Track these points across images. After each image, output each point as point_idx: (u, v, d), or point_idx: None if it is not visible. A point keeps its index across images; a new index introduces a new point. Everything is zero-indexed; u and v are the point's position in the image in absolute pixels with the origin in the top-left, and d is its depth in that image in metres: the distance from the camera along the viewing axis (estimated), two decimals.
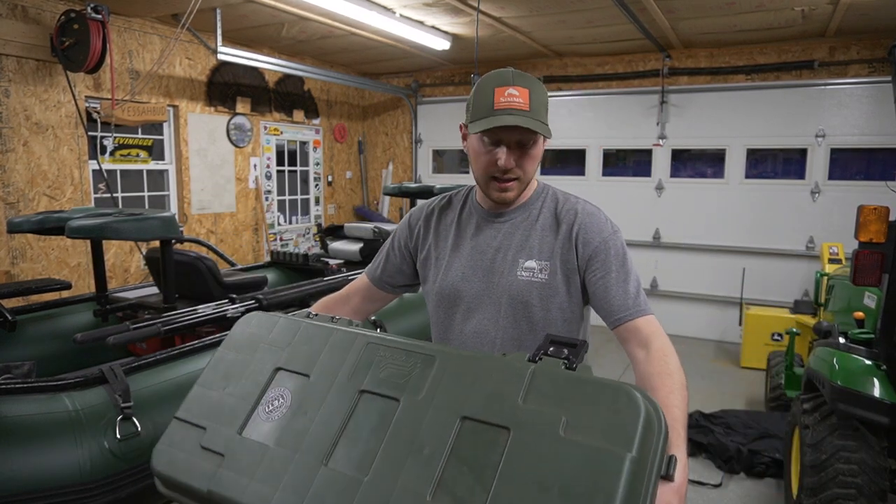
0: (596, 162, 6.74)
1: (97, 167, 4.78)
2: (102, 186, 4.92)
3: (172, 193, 5.61)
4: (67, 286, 3.35)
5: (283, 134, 6.85)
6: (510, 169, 1.35)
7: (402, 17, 5.08)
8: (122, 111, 4.91)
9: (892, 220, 2.49)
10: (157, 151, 5.49)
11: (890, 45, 2.72)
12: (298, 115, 6.90)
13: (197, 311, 2.80)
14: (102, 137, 4.89)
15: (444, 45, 5.84)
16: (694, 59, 6.22)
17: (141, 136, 5.32)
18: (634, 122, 6.49)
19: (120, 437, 2.00)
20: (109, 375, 2.12)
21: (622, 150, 6.76)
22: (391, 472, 0.87)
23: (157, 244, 3.04)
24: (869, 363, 2.59)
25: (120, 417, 2.02)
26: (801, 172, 5.91)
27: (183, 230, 5.52)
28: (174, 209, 5.58)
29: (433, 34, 5.55)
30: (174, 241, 3.03)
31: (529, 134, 1.32)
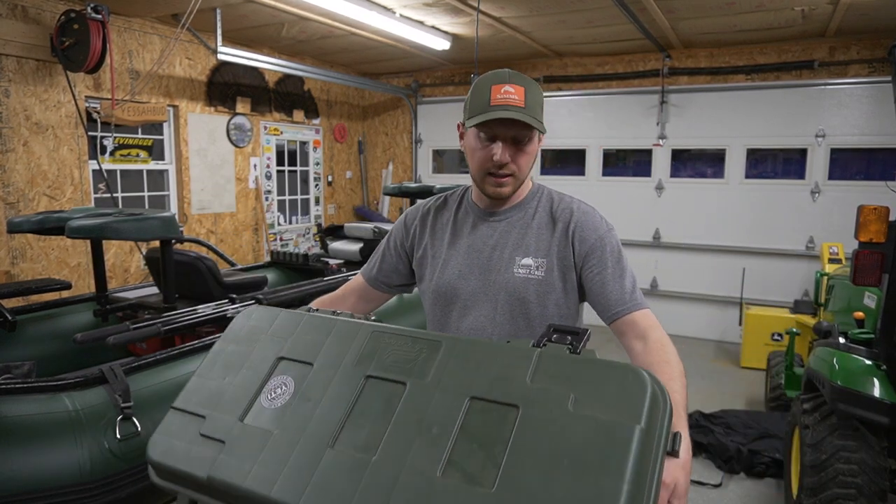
0: (596, 162, 6.73)
1: (97, 167, 4.78)
2: (102, 186, 4.92)
3: (172, 193, 5.61)
4: (67, 286, 3.35)
5: (283, 134, 6.85)
6: (505, 164, 1.37)
7: (402, 17, 5.08)
8: (122, 111, 4.91)
9: (892, 220, 2.49)
10: (157, 151, 5.49)
11: (890, 45, 2.72)
12: (298, 115, 6.90)
13: (197, 311, 2.80)
14: (102, 137, 4.89)
15: (444, 45, 5.84)
16: (694, 59, 6.22)
17: (141, 136, 5.32)
18: (634, 122, 6.48)
19: (120, 437, 2.00)
20: (109, 375, 2.12)
21: (622, 150, 6.76)
22: (399, 451, 0.86)
23: (157, 244, 3.04)
24: (869, 363, 2.60)
25: (120, 417, 2.02)
26: (801, 172, 5.92)
27: (183, 230, 5.52)
28: (174, 209, 5.58)
29: (433, 34, 5.55)
30: (174, 241, 3.04)
31: (525, 130, 1.34)
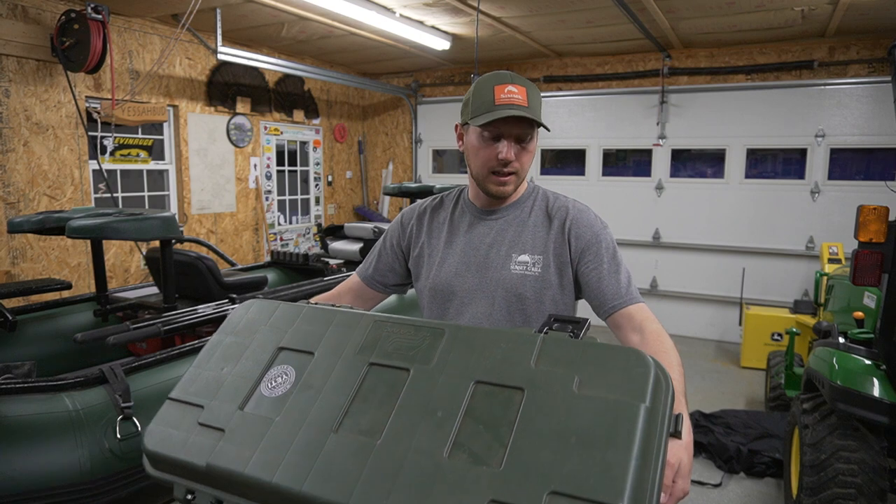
0: (596, 162, 6.73)
1: (97, 167, 4.78)
2: (102, 186, 4.92)
3: (172, 193, 5.61)
4: (67, 286, 3.35)
5: (283, 134, 6.85)
6: (510, 162, 1.39)
7: (402, 17, 5.08)
8: (122, 111, 4.91)
9: (891, 220, 2.49)
10: (157, 151, 5.50)
11: (890, 45, 2.72)
12: (298, 115, 6.91)
13: (197, 311, 2.80)
14: (102, 137, 4.89)
15: (444, 45, 5.84)
16: (694, 59, 6.22)
17: (141, 136, 5.32)
18: (634, 122, 6.49)
19: (120, 437, 2.00)
20: (109, 375, 2.12)
21: (622, 150, 6.76)
22: (404, 434, 0.86)
23: (157, 244, 3.04)
24: (868, 363, 2.60)
25: (120, 417, 2.02)
26: (800, 172, 5.92)
27: (183, 230, 5.52)
28: (174, 209, 5.59)
29: (433, 34, 5.55)
30: (174, 241, 3.04)
31: (528, 129, 1.38)
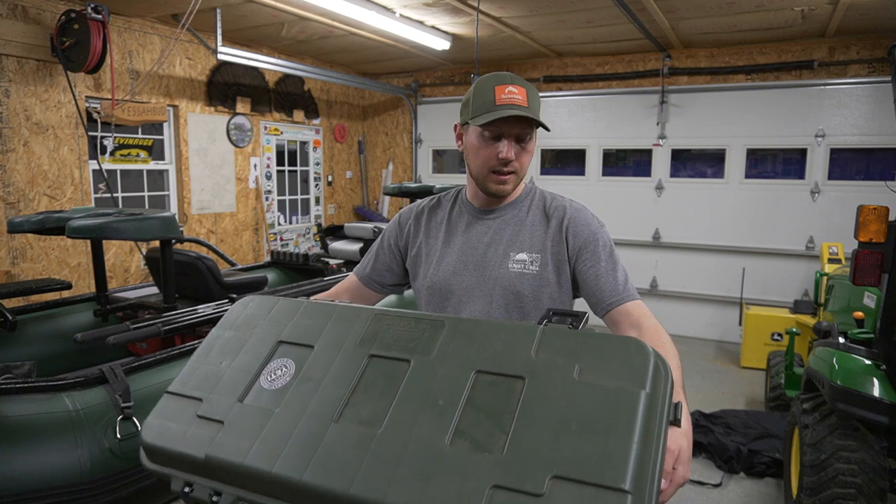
0: (596, 162, 6.73)
1: (97, 167, 4.78)
2: (102, 186, 4.92)
3: (172, 193, 5.61)
4: (67, 286, 3.35)
5: (283, 134, 6.85)
6: (510, 161, 1.40)
7: (402, 17, 5.08)
8: (122, 111, 4.91)
9: (891, 220, 2.49)
10: (157, 151, 5.50)
11: (890, 45, 2.72)
12: (298, 115, 6.90)
13: (197, 311, 2.81)
14: (102, 137, 4.89)
15: (444, 45, 5.84)
16: (694, 59, 6.22)
17: (141, 136, 5.32)
18: (634, 122, 6.48)
19: (120, 437, 2.00)
20: (109, 375, 2.12)
21: (622, 150, 6.76)
22: (405, 424, 0.86)
23: (157, 244, 3.04)
24: (868, 363, 2.60)
25: (120, 417, 2.02)
26: (800, 172, 5.92)
27: (183, 230, 5.53)
28: (174, 209, 5.58)
29: (433, 34, 5.55)
30: (174, 241, 3.04)
31: (527, 129, 1.39)
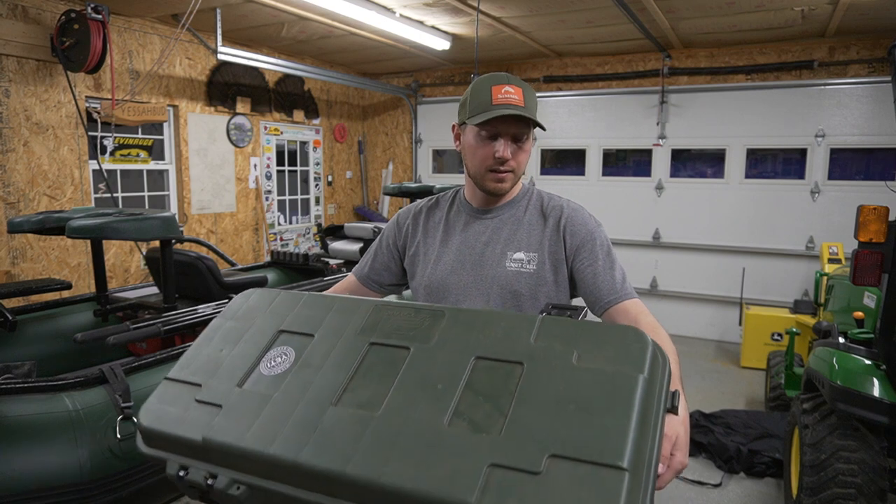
0: (596, 162, 6.73)
1: (97, 167, 4.78)
2: (102, 186, 4.92)
3: (172, 193, 5.61)
4: (67, 286, 3.35)
5: (283, 134, 6.85)
6: (507, 160, 1.41)
7: (402, 17, 5.08)
8: (122, 111, 4.91)
9: (891, 220, 2.49)
10: (157, 151, 5.50)
11: (890, 45, 2.72)
12: (298, 115, 6.91)
13: (197, 311, 2.81)
14: (102, 137, 4.90)
15: (444, 45, 5.84)
16: (694, 59, 6.22)
17: (141, 136, 5.32)
18: (634, 122, 6.49)
19: (120, 437, 2.00)
20: (109, 375, 2.12)
21: (622, 150, 6.76)
22: (404, 407, 0.86)
23: (157, 244, 3.04)
24: (868, 363, 2.60)
25: (120, 417, 2.02)
26: (800, 172, 5.92)
27: (183, 230, 5.53)
28: (174, 209, 5.59)
29: (433, 34, 5.55)
30: (174, 241, 3.04)
31: (524, 128, 1.40)
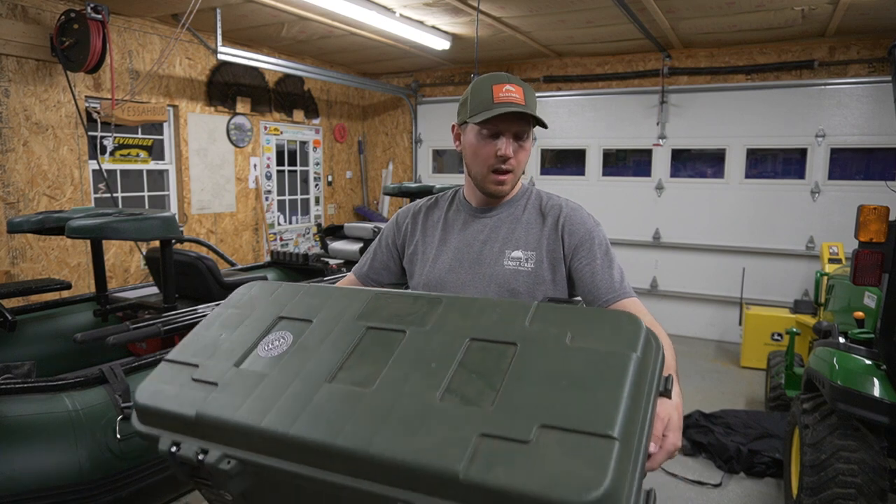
0: (596, 162, 6.73)
1: (97, 167, 4.78)
2: (102, 186, 4.92)
3: (172, 193, 5.61)
4: (67, 286, 3.35)
5: (283, 134, 6.85)
6: (509, 157, 1.42)
7: (402, 17, 5.08)
8: (122, 111, 4.91)
9: (892, 219, 2.49)
10: (157, 151, 5.49)
11: (890, 45, 2.72)
12: (298, 115, 6.90)
13: (197, 311, 2.80)
14: (102, 137, 4.89)
15: (444, 45, 5.84)
16: (694, 59, 6.22)
17: (141, 136, 5.32)
18: (634, 121, 6.48)
19: (120, 437, 2.00)
20: (109, 375, 2.12)
21: (622, 150, 6.75)
22: (397, 383, 0.87)
23: (157, 244, 3.04)
24: (869, 363, 2.59)
25: (120, 417, 2.02)
26: (801, 172, 5.91)
27: (183, 230, 5.52)
28: (174, 209, 5.58)
29: (433, 34, 5.55)
30: (174, 241, 3.04)
31: (525, 127, 1.41)
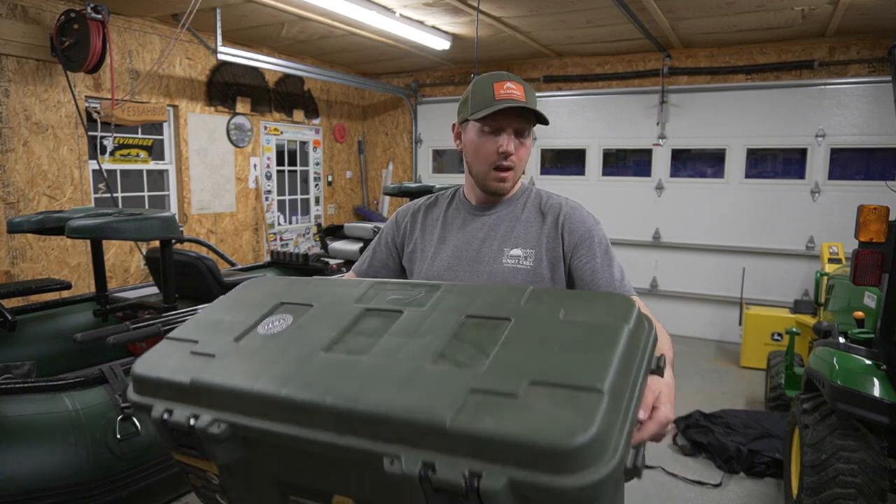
0: (596, 162, 6.73)
1: (97, 167, 4.78)
2: (102, 186, 4.92)
3: (172, 193, 5.61)
4: (67, 286, 3.35)
5: (283, 134, 6.85)
6: (511, 153, 1.43)
7: (402, 17, 5.08)
8: (122, 111, 4.91)
9: (892, 219, 2.49)
10: (157, 151, 5.49)
11: (890, 45, 2.72)
12: (298, 115, 6.90)
13: (197, 311, 2.80)
14: (102, 137, 4.89)
15: (444, 44, 5.84)
16: (694, 58, 6.22)
17: (141, 136, 5.32)
18: (634, 121, 6.49)
19: (120, 437, 2.00)
20: (109, 375, 2.12)
21: (622, 149, 6.76)
22: (391, 351, 0.89)
23: (157, 244, 3.04)
24: (869, 363, 2.59)
25: (120, 417, 2.02)
26: (801, 172, 5.92)
27: (183, 230, 5.52)
28: (174, 209, 5.58)
29: (433, 34, 5.55)
30: (174, 241, 3.04)
31: (526, 124, 1.42)
